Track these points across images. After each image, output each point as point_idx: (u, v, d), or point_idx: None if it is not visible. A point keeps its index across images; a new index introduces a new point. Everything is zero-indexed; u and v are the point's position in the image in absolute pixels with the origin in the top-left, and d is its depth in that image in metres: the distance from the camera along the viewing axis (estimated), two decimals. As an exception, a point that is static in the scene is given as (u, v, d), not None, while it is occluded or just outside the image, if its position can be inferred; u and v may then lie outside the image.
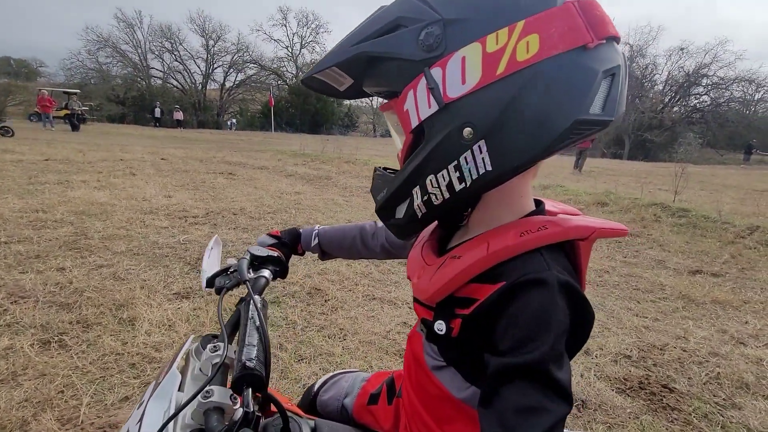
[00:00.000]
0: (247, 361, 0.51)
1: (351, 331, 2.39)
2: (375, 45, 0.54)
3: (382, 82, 0.57)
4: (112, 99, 32.88)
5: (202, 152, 11.30)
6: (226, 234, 4.06)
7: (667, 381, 2.06)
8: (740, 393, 2.01)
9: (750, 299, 3.18)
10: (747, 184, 11.58)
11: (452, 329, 0.55)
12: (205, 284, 0.75)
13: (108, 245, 3.47)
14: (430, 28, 0.50)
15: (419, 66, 0.50)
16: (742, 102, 36.96)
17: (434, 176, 0.53)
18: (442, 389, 0.60)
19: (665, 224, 5.30)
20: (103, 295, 2.58)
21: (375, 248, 0.95)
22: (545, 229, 0.52)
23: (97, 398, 1.71)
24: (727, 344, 2.48)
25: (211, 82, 40.20)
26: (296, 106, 36.38)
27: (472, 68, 0.48)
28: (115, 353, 2.01)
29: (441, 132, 0.51)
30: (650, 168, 16.35)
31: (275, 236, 0.92)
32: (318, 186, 7.37)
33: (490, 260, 0.52)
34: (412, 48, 0.51)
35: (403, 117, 0.55)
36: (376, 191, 0.64)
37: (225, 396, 0.50)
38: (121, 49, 35.85)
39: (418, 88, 0.51)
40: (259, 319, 0.58)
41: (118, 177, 6.61)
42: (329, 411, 0.88)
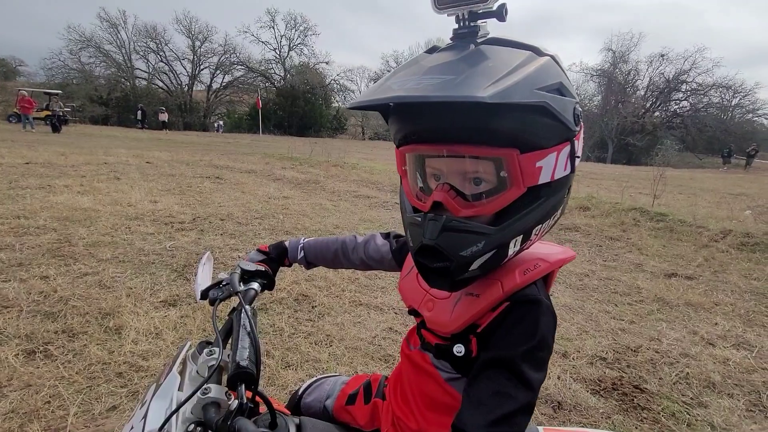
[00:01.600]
0: (241, 360, 0.59)
1: (338, 337, 2.44)
2: (554, 101, 0.55)
3: (526, 134, 0.56)
4: (95, 100, 32.27)
5: (188, 155, 11.20)
6: (213, 240, 4.07)
7: (639, 382, 2.16)
8: (707, 392, 2.12)
9: (720, 301, 3.33)
10: (723, 188, 11.99)
11: (471, 351, 0.67)
12: (199, 296, 0.82)
13: (93, 252, 3.45)
14: (578, 107, 0.61)
15: (570, 134, 0.60)
16: (720, 107, 38.17)
17: (541, 226, 0.63)
18: (457, 396, 0.69)
19: (644, 228, 5.48)
20: (89, 304, 2.58)
21: (355, 261, 1.01)
22: (539, 267, 0.67)
23: (84, 408, 1.73)
24: (697, 345, 2.60)
25: (198, 84, 39.77)
26: (284, 109, 36.26)
27: (581, 147, 0.64)
28: (101, 362, 2.02)
29: (562, 189, 0.63)
30: (632, 172, 16.77)
31: (264, 252, 1.00)
32: (306, 190, 7.39)
33: (503, 297, 0.65)
34: (570, 116, 0.59)
35: (526, 171, 0.56)
36: (459, 245, 0.58)
37: (221, 393, 0.58)
38: (105, 49, 35.19)
39: (562, 152, 0.60)
40: (250, 326, 0.66)
41: (102, 181, 6.53)
42: (312, 412, 0.96)
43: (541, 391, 2.03)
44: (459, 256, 0.58)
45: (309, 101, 36.39)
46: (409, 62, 0.61)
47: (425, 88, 0.51)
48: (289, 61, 41.29)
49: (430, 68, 0.55)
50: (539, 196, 0.60)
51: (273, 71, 41.37)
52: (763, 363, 2.41)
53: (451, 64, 0.55)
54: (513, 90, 0.50)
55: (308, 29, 41.27)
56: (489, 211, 0.59)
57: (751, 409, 2.01)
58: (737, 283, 3.76)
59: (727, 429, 1.85)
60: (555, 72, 0.58)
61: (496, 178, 0.59)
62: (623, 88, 38.18)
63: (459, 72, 0.52)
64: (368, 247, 0.99)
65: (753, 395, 2.11)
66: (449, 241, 0.58)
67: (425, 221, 0.60)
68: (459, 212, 0.59)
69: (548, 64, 0.58)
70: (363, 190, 7.62)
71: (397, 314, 2.78)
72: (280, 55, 41.37)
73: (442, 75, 0.52)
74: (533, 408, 0.60)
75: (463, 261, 0.59)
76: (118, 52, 35.99)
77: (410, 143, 0.62)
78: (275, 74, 41.31)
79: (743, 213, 6.90)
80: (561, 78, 0.58)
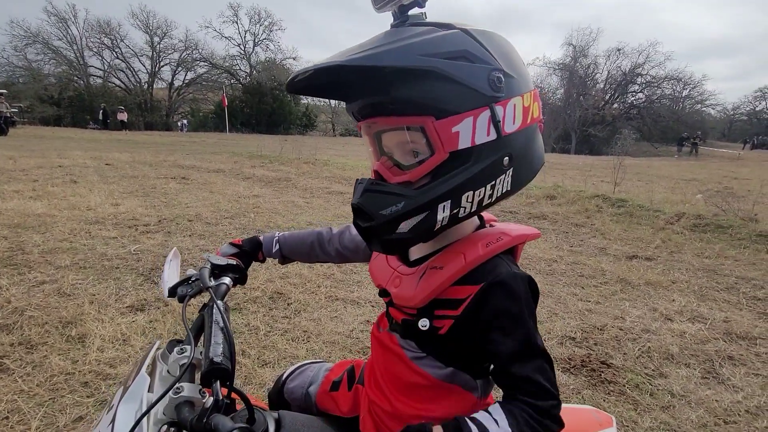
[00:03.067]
0: (215, 357, 0.57)
1: (315, 333, 2.42)
2: (451, 66, 0.58)
3: (427, 100, 0.59)
4: (45, 100, 30.25)
5: (151, 156, 10.73)
6: (182, 242, 3.93)
7: (606, 358, 2.28)
8: (666, 363, 2.26)
9: (677, 279, 3.55)
10: (677, 175, 12.74)
11: (439, 327, 0.68)
12: (167, 294, 0.79)
13: (50, 259, 3.26)
14: (496, 73, 0.61)
15: (486, 100, 0.61)
16: (672, 99, 40.44)
17: (472, 192, 0.63)
18: (423, 374, 0.72)
19: (606, 214, 5.74)
20: (48, 313, 2.44)
21: (331, 253, 1.01)
22: (501, 240, 0.69)
23: (47, 421, 1.64)
24: (657, 321, 2.76)
25: (159, 81, 38.08)
26: (251, 106, 35.31)
27: (518, 114, 0.64)
28: (64, 373, 1.92)
29: (490, 157, 0.63)
30: (594, 161, 17.49)
31: (236, 245, 0.97)
32: (277, 188, 7.26)
33: (467, 268, 0.67)
34: (482, 83, 0.60)
35: (444, 136, 0.59)
36: (379, 205, 0.63)
37: (194, 391, 0.55)
38: (54, 46, 33.00)
39: (480, 117, 0.60)
40: (223, 321, 0.64)
41: (56, 185, 6.16)
42: (294, 398, 0.96)
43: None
44: (380, 215, 0.62)
45: (277, 98, 35.57)
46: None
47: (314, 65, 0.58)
48: (254, 57, 40.26)
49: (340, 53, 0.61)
50: (463, 162, 0.61)
51: (238, 68, 40.21)
52: (715, 334, 2.59)
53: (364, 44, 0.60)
54: (383, 54, 0.56)
55: (273, 24, 40.34)
56: (415, 176, 0.63)
57: (705, 376, 2.16)
58: (691, 261, 4.01)
59: (685, 396, 1.98)
60: (459, 41, 0.60)
61: (428, 147, 0.62)
62: (584, 82, 39.68)
63: (360, 47, 0.58)
64: (343, 237, 1.00)
65: (707, 364, 2.27)
66: (370, 201, 0.64)
67: (356, 185, 0.67)
68: (392, 179, 0.65)
69: (453, 36, 0.60)
70: (336, 186, 7.56)
71: (374, 307, 2.79)
72: (245, 51, 40.27)
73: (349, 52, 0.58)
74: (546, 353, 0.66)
75: (384, 220, 0.62)
76: (68, 48, 33.87)
77: (358, 121, 0.68)
78: (241, 71, 40.19)
79: (695, 197, 7.37)
80: (467, 46, 0.60)
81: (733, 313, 2.90)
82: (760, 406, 1.92)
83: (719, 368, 2.23)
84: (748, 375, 2.18)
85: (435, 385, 0.72)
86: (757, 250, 4.30)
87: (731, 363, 2.29)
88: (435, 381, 0.72)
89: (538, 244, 4.32)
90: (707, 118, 44.36)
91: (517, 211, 6.00)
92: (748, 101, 51.91)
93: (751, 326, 2.69)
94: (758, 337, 2.56)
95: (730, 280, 3.55)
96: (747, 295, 3.24)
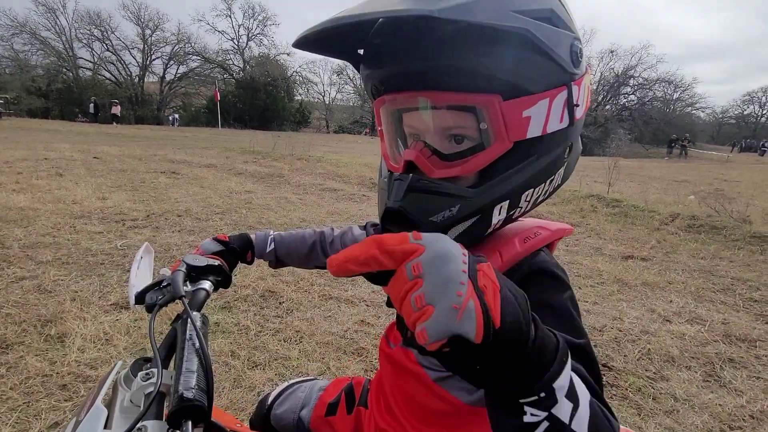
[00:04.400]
0: (185, 391, 0.45)
1: (308, 333, 2.34)
2: (541, 30, 0.44)
3: (499, 72, 0.45)
4: (33, 91, 29.53)
5: (140, 150, 10.49)
6: (170, 237, 3.81)
7: (606, 360, 2.23)
8: (667, 366, 2.22)
9: (673, 280, 3.52)
10: (669, 176, 12.83)
11: None
12: (134, 301, 0.66)
13: (30, 254, 3.12)
14: (578, 44, 0.50)
15: (565, 77, 0.49)
16: (663, 101, 40.90)
17: (533, 190, 0.52)
18: (449, 399, 0.59)
19: (601, 214, 5.72)
20: (26, 311, 2.31)
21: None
22: (540, 235, 0.58)
23: (20, 427, 1.53)
24: (655, 322, 2.72)
25: (150, 75, 37.42)
26: (244, 101, 34.89)
27: (586, 96, 0.53)
28: (41, 375, 1.81)
29: (558, 147, 0.52)
30: (587, 162, 17.55)
31: (222, 242, 0.82)
32: (270, 184, 7.12)
33: (504, 267, 0.54)
34: (566, 53, 0.48)
35: (511, 122, 0.47)
36: (428, 209, 0.50)
37: (161, 430, 0.44)
38: (42, 36, 32.23)
39: (557, 98, 0.49)
40: (198, 341, 0.52)
41: (41, 178, 5.97)
42: (284, 425, 0.83)
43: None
44: (429, 222, 0.49)
45: (270, 94, 35.19)
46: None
47: (366, 5, 0.41)
48: (248, 51, 39.81)
49: None
50: (528, 154, 0.50)
51: (231, 62, 39.71)
52: (715, 336, 2.56)
53: None
54: (476, 6, 0.40)
55: (267, 19, 39.92)
56: (468, 171, 0.50)
57: (707, 379, 2.12)
58: (687, 262, 4.00)
59: (688, 400, 1.94)
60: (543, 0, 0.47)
61: (479, 133, 0.49)
62: (577, 83, 39.91)
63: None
64: (345, 238, 0.90)
65: (708, 366, 2.23)
66: (416, 204, 0.50)
67: (391, 182, 0.52)
68: (433, 173, 0.51)
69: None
70: (329, 183, 7.45)
71: (368, 306, 2.71)
72: (239, 45, 39.79)
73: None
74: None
75: (433, 227, 0.49)
76: (57, 39, 33.10)
77: (380, 95, 0.53)
78: (234, 65, 39.69)
79: (688, 198, 7.40)
80: (553, 5, 0.48)
81: (731, 315, 2.88)
82: (764, 410, 1.88)
83: (720, 371, 2.19)
84: (750, 378, 2.14)
85: (463, 412, 0.59)
86: (751, 252, 4.30)
87: (732, 366, 2.25)
88: (463, 406, 0.59)
89: (534, 244, 4.28)
90: (697, 120, 44.97)
91: (512, 210, 5.96)
92: (737, 105, 52.87)
93: (749, 328, 2.66)
94: (757, 339, 2.53)
95: (726, 281, 3.53)
96: (744, 296, 3.22)
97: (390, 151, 0.58)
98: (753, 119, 52.13)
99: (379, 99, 0.54)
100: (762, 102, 50.80)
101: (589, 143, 35.99)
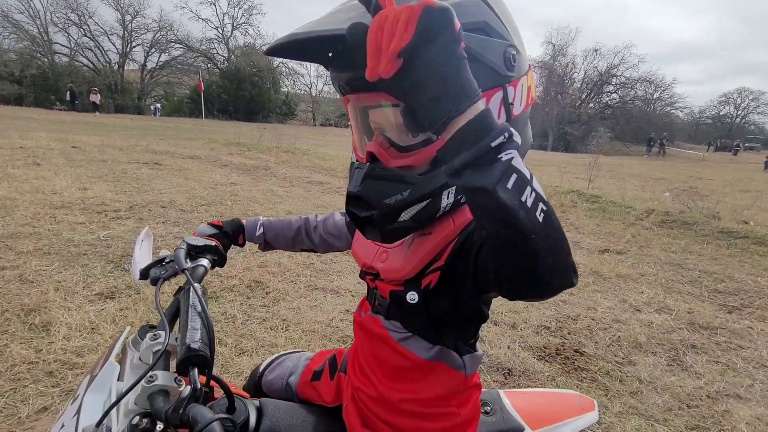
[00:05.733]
0: (192, 342, 0.53)
1: (294, 322, 2.39)
2: (470, 40, 0.51)
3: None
4: (5, 77, 28.35)
5: (121, 140, 10.26)
6: (155, 228, 3.79)
7: (579, 346, 2.35)
8: (635, 352, 2.36)
9: (645, 272, 3.70)
10: (647, 173, 13.25)
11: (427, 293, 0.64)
12: (138, 276, 0.73)
13: (10, 245, 3.08)
14: (511, 50, 0.57)
15: (500, 79, 0.56)
16: (644, 100, 41.89)
17: None
18: (410, 356, 0.69)
19: (581, 209, 5.91)
20: (8, 300, 2.30)
21: (316, 240, 0.99)
22: None
23: (8, 412, 1.55)
24: (626, 312, 2.87)
25: (130, 63, 36.28)
26: (229, 92, 34.20)
27: (524, 94, 0.61)
28: (27, 362, 1.82)
29: None
30: (570, 158, 17.95)
31: (216, 226, 0.91)
32: (255, 176, 7.09)
33: (455, 231, 0.62)
34: (498, 59, 0.55)
35: None
36: (382, 193, 0.57)
37: (169, 379, 0.51)
38: (15, 19, 30.86)
39: (493, 98, 0.56)
40: (201, 306, 0.59)
41: (18, 167, 5.81)
42: (274, 390, 0.92)
43: (492, 359, 2.14)
44: (383, 204, 0.57)
45: (256, 85, 34.60)
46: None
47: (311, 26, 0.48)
48: (233, 41, 38.97)
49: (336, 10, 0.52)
50: None
51: (215, 51, 38.80)
52: (680, 324, 2.72)
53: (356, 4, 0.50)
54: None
55: (253, 8, 39.09)
56: (419, 160, 0.58)
57: (671, 364, 2.27)
58: (659, 255, 4.19)
59: (652, 382, 2.08)
60: (478, 11, 0.55)
61: None
62: (562, 80, 40.51)
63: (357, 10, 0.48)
64: (327, 223, 0.98)
65: (672, 352, 2.38)
66: (372, 189, 0.57)
67: (352, 170, 0.61)
68: (390, 162, 0.59)
69: (470, 3, 0.54)
70: (316, 176, 7.46)
71: (354, 296, 2.78)
72: (223, 34, 38.90)
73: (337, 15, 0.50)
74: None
75: (387, 209, 0.57)
76: (31, 23, 31.68)
77: (345, 94, 0.61)
78: (218, 55, 38.80)
79: (663, 194, 7.68)
80: (486, 18, 0.55)
81: (696, 305, 3.06)
82: (719, 391, 2.03)
83: (683, 356, 2.34)
84: (709, 362, 2.30)
85: (422, 366, 0.70)
86: (718, 246, 4.53)
87: (694, 351, 2.41)
88: (422, 362, 0.69)
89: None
90: (675, 120, 46.25)
91: (495, 204, 6.09)
92: (714, 105, 54.55)
93: (712, 317, 2.84)
94: (719, 327, 2.70)
95: (694, 273, 3.73)
96: (709, 288, 3.41)
97: (358, 143, 0.66)
98: (728, 120, 53.94)
99: (345, 97, 0.62)
100: (737, 103, 52.65)
101: (572, 140, 36.68)
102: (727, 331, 2.67)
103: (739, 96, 51.91)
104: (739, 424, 1.81)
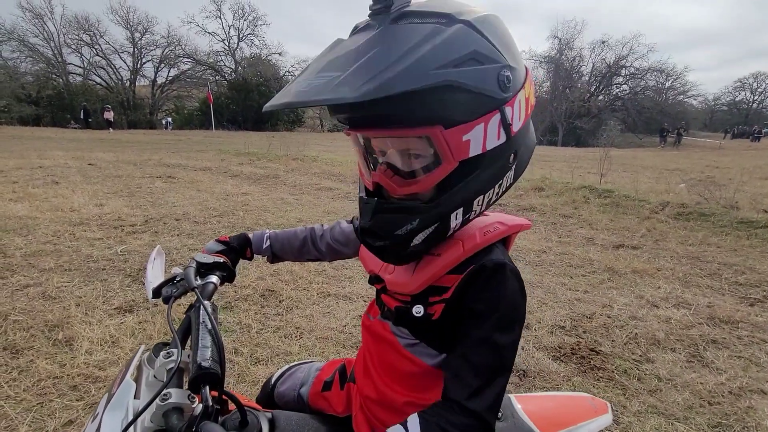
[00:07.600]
0: (203, 361, 0.55)
1: (307, 329, 2.42)
2: (464, 75, 0.53)
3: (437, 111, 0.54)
4: (23, 99, 29.28)
5: (135, 155, 10.52)
6: (170, 241, 3.87)
7: (595, 345, 2.32)
8: (653, 349, 2.32)
9: (662, 267, 3.63)
10: (661, 165, 12.97)
11: (432, 314, 0.68)
12: (151, 295, 0.76)
13: (33, 262, 3.18)
14: (505, 72, 0.58)
15: (496, 103, 0.58)
16: (655, 90, 41.08)
17: (483, 196, 0.63)
18: (416, 361, 0.71)
19: (593, 205, 5.83)
20: (33, 317, 2.38)
21: (323, 249, 1.00)
22: (498, 229, 0.69)
23: (36, 426, 1.61)
24: (643, 308, 2.82)
25: (141, 79, 37.17)
26: (237, 103, 34.77)
27: (523, 108, 0.62)
28: (52, 377, 1.88)
29: (500, 159, 0.62)
30: (581, 153, 17.70)
31: (223, 242, 0.94)
32: (266, 185, 7.19)
33: (464, 255, 0.66)
34: (492, 85, 0.57)
35: (454, 146, 0.56)
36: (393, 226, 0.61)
37: (183, 396, 0.53)
38: (30, 43, 31.91)
39: (491, 122, 0.58)
40: (211, 323, 0.62)
41: (38, 186, 6.01)
42: (286, 401, 0.94)
43: (507, 362, 2.12)
44: (394, 236, 0.61)
45: (263, 94, 35.02)
46: (324, 50, 0.61)
47: (308, 92, 0.51)
48: (239, 52, 39.60)
49: (329, 62, 0.54)
50: (474, 168, 0.59)
51: (223, 64, 39.51)
52: (699, 319, 2.66)
53: (348, 55, 0.53)
54: (396, 80, 0.49)
55: (257, 19, 39.71)
56: (425, 187, 0.61)
57: (690, 360, 2.22)
58: (675, 249, 4.10)
59: (671, 379, 2.04)
60: (466, 41, 0.55)
61: (432, 153, 0.59)
62: (569, 74, 40.05)
63: (347, 66, 0.51)
64: (334, 231, 1.00)
65: (692, 348, 2.33)
66: (382, 223, 0.62)
67: (362, 204, 0.66)
68: (396, 192, 0.62)
69: (457, 34, 0.54)
70: (325, 182, 7.52)
71: (366, 302, 2.80)
72: (229, 46, 39.57)
73: (330, 72, 0.51)
74: (509, 367, 0.65)
75: (399, 239, 0.61)
76: (45, 45, 32.75)
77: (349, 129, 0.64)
78: (225, 67, 39.49)
79: (678, 186, 7.52)
80: (475, 45, 0.55)
81: (716, 299, 2.98)
82: (742, 386, 1.98)
83: (703, 352, 2.29)
84: (731, 357, 2.24)
85: (428, 373, 0.71)
86: (738, 237, 4.41)
87: (715, 346, 2.35)
88: (428, 368, 0.71)
89: (527, 236, 4.37)
90: (689, 108, 45.21)
91: (506, 203, 6.05)
92: (729, 92, 53.15)
93: (733, 310, 2.77)
94: (740, 320, 2.64)
95: (712, 266, 3.64)
96: (729, 280, 3.33)
97: (364, 169, 0.69)
98: (745, 105, 52.49)
99: (348, 131, 0.65)
100: (753, 88, 51.22)
101: (583, 134, 36.20)
102: (749, 324, 2.60)
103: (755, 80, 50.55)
104: (763, 421, 1.76)
